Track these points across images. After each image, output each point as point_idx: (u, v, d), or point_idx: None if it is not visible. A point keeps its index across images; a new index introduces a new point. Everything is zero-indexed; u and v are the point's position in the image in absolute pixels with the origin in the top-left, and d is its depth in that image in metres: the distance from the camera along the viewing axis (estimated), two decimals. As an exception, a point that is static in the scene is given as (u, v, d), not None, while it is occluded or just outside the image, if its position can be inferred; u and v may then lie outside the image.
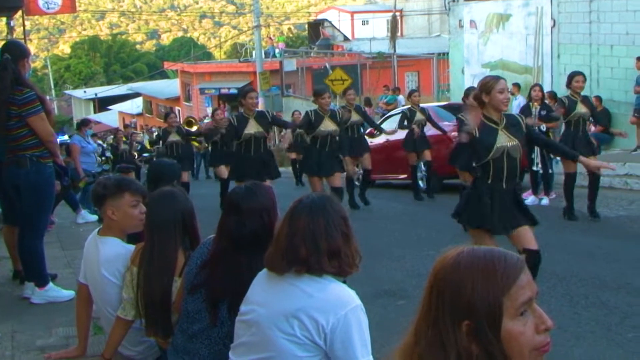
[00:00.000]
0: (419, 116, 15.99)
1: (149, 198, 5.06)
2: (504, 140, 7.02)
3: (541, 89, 15.01)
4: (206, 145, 24.08)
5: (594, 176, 12.21)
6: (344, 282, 3.60)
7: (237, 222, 4.13)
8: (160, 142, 18.06)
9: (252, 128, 11.98)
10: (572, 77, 12.75)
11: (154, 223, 4.78)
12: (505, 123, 7.09)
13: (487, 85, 6.98)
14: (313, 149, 12.98)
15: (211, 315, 4.11)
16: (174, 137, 16.92)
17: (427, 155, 16.23)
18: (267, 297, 3.52)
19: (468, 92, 13.21)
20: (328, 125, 12.72)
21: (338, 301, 3.38)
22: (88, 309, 5.35)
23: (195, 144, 21.71)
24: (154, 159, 18.87)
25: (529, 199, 14.10)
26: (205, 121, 36.12)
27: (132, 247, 5.06)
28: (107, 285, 5.05)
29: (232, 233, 4.15)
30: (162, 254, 4.66)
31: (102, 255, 5.09)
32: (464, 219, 7.51)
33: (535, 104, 14.30)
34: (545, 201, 14.52)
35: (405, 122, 15.92)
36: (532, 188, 14.91)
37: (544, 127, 14.12)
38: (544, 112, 14.06)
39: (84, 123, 19.46)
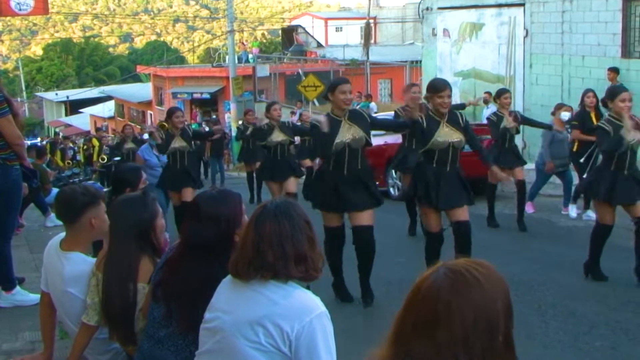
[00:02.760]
0: (507, 122, 12.92)
1: (111, 204, 5.02)
2: None
3: (595, 95, 13.11)
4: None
5: None
6: (308, 288, 3.59)
7: (193, 227, 4.15)
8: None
9: (345, 133, 8.25)
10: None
11: (113, 229, 4.76)
12: None
13: None
14: (428, 166, 8.75)
15: (166, 315, 4.11)
16: (178, 143, 12.47)
17: (519, 173, 13.16)
18: (231, 304, 3.51)
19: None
20: (447, 134, 8.62)
21: (303, 308, 3.37)
22: (52, 315, 5.27)
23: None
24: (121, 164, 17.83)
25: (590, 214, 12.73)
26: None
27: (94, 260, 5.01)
28: (74, 302, 4.94)
29: (187, 237, 4.18)
30: (119, 260, 4.63)
31: (67, 273, 4.97)
32: None
33: (592, 112, 12.96)
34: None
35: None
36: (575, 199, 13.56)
37: None
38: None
39: (152, 134, 18.65)
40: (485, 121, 16.40)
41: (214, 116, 42.72)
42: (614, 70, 18.65)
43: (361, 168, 8.36)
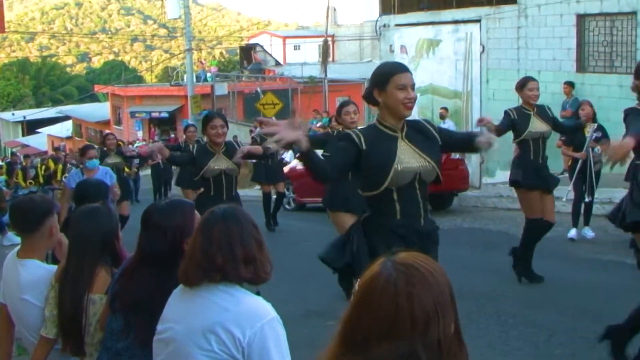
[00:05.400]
0: None
1: (73, 215, 4.99)
2: None
3: (591, 106, 12.07)
4: (135, 170, 23.77)
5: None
6: (258, 293, 3.59)
7: (145, 237, 4.12)
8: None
9: (405, 159, 5.10)
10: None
11: (72, 239, 4.73)
12: None
13: None
14: (526, 157, 9.48)
15: (124, 326, 4.08)
16: (224, 164, 9.02)
17: None
18: (182, 313, 3.50)
19: None
20: (537, 126, 9.34)
21: (254, 314, 3.37)
22: (10, 330, 5.20)
23: (127, 169, 20.96)
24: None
25: (572, 232, 12.64)
26: (137, 145, 35.75)
27: (53, 267, 4.96)
28: (30, 309, 4.88)
29: (140, 248, 4.15)
30: (77, 270, 4.59)
31: (23, 279, 4.89)
32: None
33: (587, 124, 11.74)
34: (591, 233, 12.85)
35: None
36: (575, 221, 12.71)
37: (598, 149, 12.37)
38: (599, 135, 12.24)
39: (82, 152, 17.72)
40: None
41: (172, 135, 42.66)
42: (570, 85, 18.90)
43: (423, 215, 5.31)
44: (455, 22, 24.16)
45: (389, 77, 5.08)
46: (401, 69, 5.20)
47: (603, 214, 14.46)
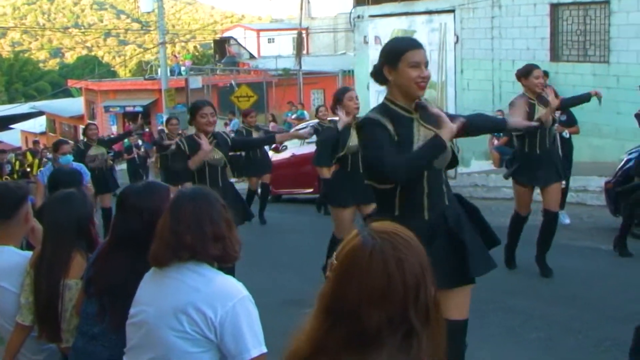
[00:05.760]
0: None
1: (48, 201, 4.95)
2: None
3: (555, 93, 11.51)
4: (111, 162, 23.66)
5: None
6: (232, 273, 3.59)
7: (120, 219, 4.13)
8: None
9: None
10: None
11: (47, 224, 4.69)
12: None
13: None
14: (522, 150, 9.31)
15: (99, 311, 4.06)
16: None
17: None
18: (153, 295, 3.49)
19: None
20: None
21: (225, 293, 3.37)
22: (-15, 319, 5.18)
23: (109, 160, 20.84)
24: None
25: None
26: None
27: (28, 253, 4.92)
28: (6, 297, 4.85)
29: (115, 230, 4.15)
30: (53, 255, 4.57)
31: None
32: None
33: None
34: (567, 219, 12.80)
35: None
36: None
37: (566, 133, 12.51)
38: (564, 118, 12.32)
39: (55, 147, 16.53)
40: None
41: (147, 129, 42.48)
42: (544, 74, 18.95)
43: (449, 205, 4.96)
44: (429, 12, 24.18)
45: (401, 53, 4.68)
46: (415, 45, 4.77)
47: (578, 202, 14.60)
